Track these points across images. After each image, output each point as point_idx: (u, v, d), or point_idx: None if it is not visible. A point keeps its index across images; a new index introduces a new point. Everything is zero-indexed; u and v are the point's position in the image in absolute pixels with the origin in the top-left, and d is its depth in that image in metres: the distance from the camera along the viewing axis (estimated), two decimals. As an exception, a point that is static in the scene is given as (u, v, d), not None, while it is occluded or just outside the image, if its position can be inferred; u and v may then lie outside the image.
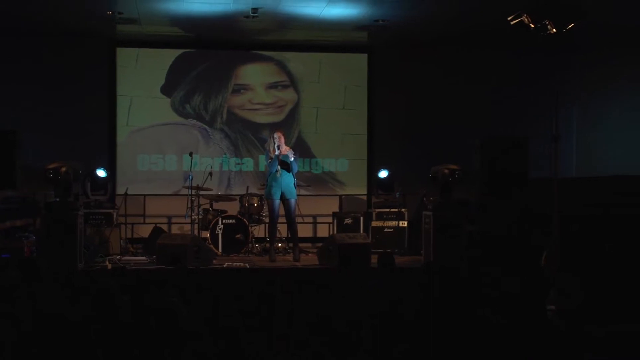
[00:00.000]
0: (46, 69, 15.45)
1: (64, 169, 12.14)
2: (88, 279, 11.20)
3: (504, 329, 7.60)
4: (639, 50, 15.69)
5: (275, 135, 13.26)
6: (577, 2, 11.59)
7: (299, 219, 14.28)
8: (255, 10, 13.46)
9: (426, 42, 15.87)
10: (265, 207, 14.06)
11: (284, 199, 13.20)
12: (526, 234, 12.29)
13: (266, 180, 13.46)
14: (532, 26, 11.61)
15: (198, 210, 14.24)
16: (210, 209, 14.64)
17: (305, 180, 15.79)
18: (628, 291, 9.88)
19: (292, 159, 13.10)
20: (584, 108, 16.56)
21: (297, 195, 13.66)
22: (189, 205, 14.09)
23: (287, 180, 13.13)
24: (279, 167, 13.04)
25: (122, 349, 6.24)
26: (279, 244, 14.18)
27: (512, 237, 12.40)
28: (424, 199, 14.39)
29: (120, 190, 15.53)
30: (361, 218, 15.19)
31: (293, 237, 13.63)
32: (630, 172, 14.25)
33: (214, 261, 13.02)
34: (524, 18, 11.64)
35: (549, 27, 11.54)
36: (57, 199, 12.16)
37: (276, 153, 13.04)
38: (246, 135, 16.49)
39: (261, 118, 16.58)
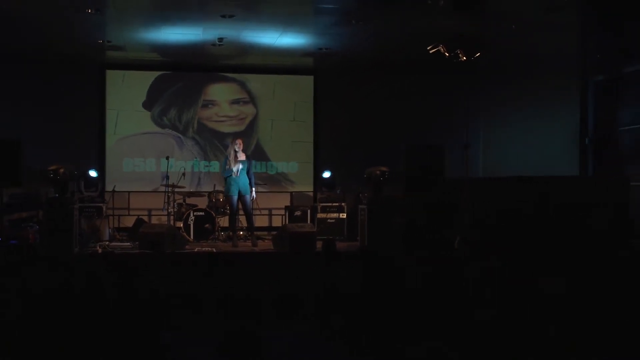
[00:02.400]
0: (47, 87, 15.31)
1: (62, 170, 12.15)
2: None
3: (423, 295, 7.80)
4: (531, 71, 15.97)
5: (237, 142, 13.39)
6: (482, 36, 11.83)
7: (256, 212, 14.40)
8: (220, 39, 13.48)
9: (361, 66, 15.86)
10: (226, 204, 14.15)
11: (241, 195, 13.30)
12: (442, 223, 12.50)
13: (225, 180, 13.55)
14: (447, 55, 11.80)
15: (173, 204, 14.24)
16: (184, 203, 14.62)
17: (262, 180, 15.83)
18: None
19: (253, 195, 13.42)
20: (488, 120, 16.78)
21: (256, 192, 13.79)
22: (166, 200, 14.10)
23: (243, 180, 13.23)
24: (236, 169, 13.15)
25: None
26: (240, 232, 14.23)
27: (431, 226, 12.61)
28: (360, 195, 14.54)
29: (108, 187, 15.52)
30: (308, 211, 15.22)
31: (250, 226, 13.75)
32: (525, 173, 14.54)
33: (187, 246, 13.09)
34: (441, 48, 11.84)
35: (460, 55, 11.75)
36: (56, 195, 12.17)
37: (240, 157, 13.17)
38: (213, 143, 16.47)
39: (226, 128, 16.56)
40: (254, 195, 13.48)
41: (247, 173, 13.32)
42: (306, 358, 7.11)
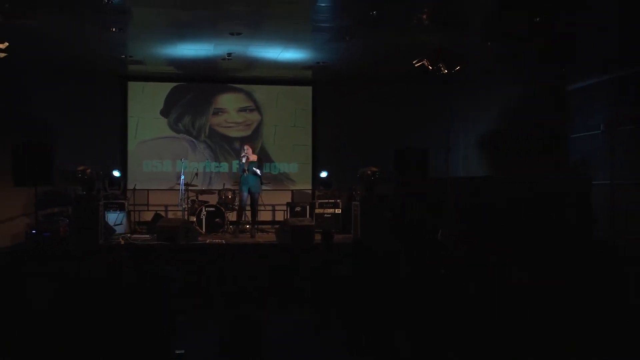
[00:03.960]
0: (76, 97, 15.32)
1: (89, 171, 12.25)
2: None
3: (410, 283, 7.88)
4: (503, 81, 16.08)
5: (245, 147, 13.55)
6: (461, 52, 11.90)
7: (261, 207, 14.48)
8: (229, 54, 13.52)
9: (355, 77, 15.92)
10: (237, 198, 14.23)
11: (250, 192, 13.45)
12: (427, 217, 12.58)
13: (239, 178, 13.68)
14: (430, 68, 11.84)
15: (187, 201, 14.30)
16: (197, 200, 14.70)
17: (266, 179, 15.89)
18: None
19: (259, 172, 13.52)
20: (468, 126, 16.85)
21: (261, 190, 13.93)
22: (181, 197, 14.16)
23: (253, 179, 13.40)
24: (246, 169, 13.31)
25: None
26: (247, 226, 14.31)
27: (417, 220, 12.69)
28: (353, 192, 14.60)
29: (130, 186, 15.59)
30: (307, 207, 15.30)
31: (253, 219, 13.86)
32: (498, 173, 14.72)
33: (199, 238, 13.18)
34: (424, 62, 11.89)
35: (442, 68, 11.81)
36: (84, 193, 12.26)
37: (243, 160, 13.32)
38: (223, 146, 16.52)
39: (234, 133, 16.61)
40: (258, 172, 13.61)
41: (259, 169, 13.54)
42: (303, 342, 7.21)
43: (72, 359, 6.00)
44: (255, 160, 13.56)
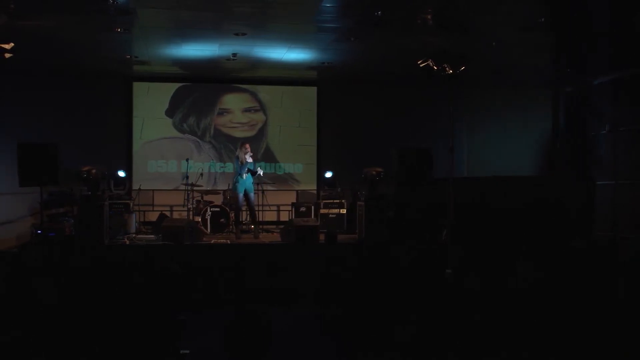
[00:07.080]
0: (82, 97, 15.43)
1: (94, 171, 12.28)
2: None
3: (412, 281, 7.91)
4: (508, 82, 16.09)
5: (247, 145, 13.52)
6: (465, 52, 11.91)
7: (266, 207, 14.49)
8: (234, 54, 13.55)
9: (359, 78, 15.98)
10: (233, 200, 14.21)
11: (246, 193, 13.45)
12: (430, 218, 12.59)
13: (234, 178, 13.70)
14: (435, 68, 11.86)
15: (192, 201, 14.30)
16: (201, 200, 14.69)
17: (271, 179, 15.89)
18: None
19: (260, 172, 13.47)
20: (471, 126, 16.86)
21: (265, 190, 13.95)
22: (186, 197, 14.20)
23: (249, 180, 13.41)
24: (246, 170, 13.32)
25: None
26: (251, 226, 14.29)
27: (420, 220, 12.70)
28: (358, 192, 14.62)
29: (135, 186, 15.61)
30: (312, 207, 15.27)
31: (253, 220, 13.86)
32: (501, 173, 14.72)
33: (204, 238, 13.19)
34: (429, 62, 11.91)
35: (446, 68, 11.83)
36: (89, 193, 12.28)
37: (249, 160, 13.31)
38: (228, 146, 16.52)
39: (239, 133, 16.61)
40: (261, 172, 13.63)
41: (253, 170, 13.48)
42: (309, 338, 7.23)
43: (77, 357, 6.03)
44: (251, 161, 13.54)
